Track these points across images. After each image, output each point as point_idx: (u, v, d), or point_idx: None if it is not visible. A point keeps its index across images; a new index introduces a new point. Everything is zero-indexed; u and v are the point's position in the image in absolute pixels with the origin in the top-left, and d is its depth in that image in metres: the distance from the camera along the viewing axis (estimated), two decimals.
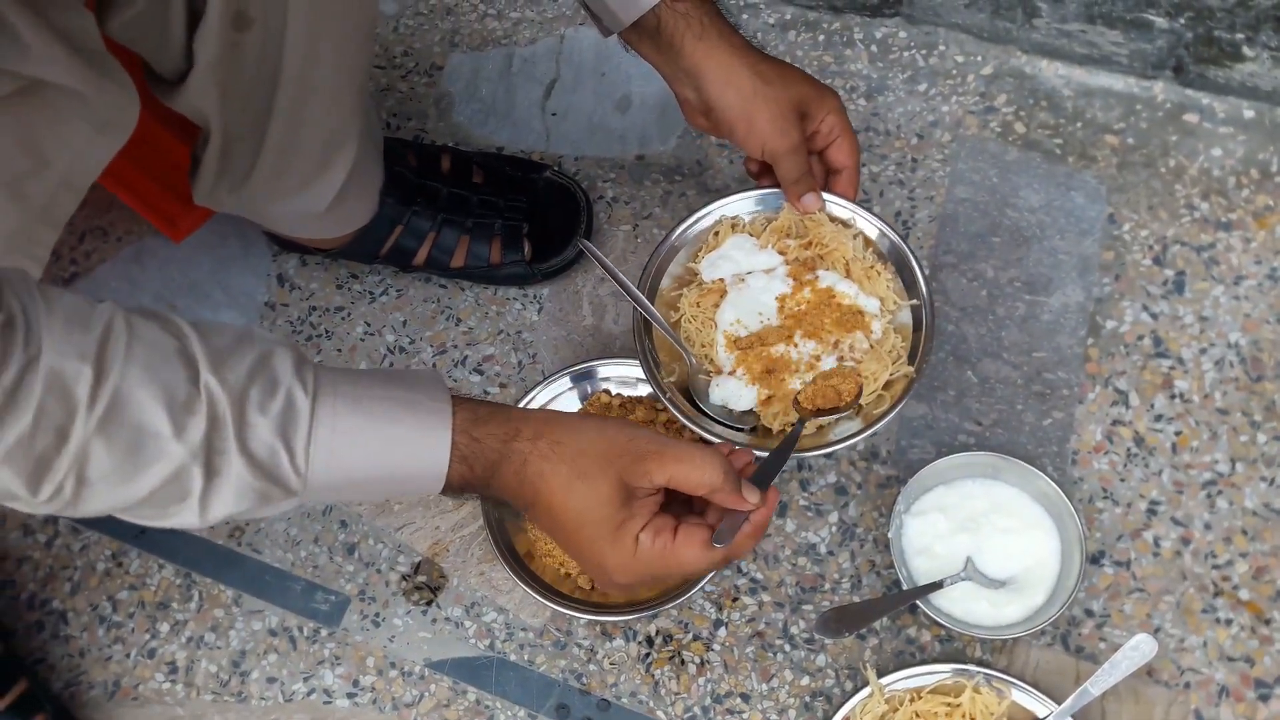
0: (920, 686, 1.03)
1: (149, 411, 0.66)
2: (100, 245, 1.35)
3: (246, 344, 0.71)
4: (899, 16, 1.35)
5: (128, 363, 0.65)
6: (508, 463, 0.76)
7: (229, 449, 0.68)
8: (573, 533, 0.78)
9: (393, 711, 1.11)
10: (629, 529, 0.78)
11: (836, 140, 1.02)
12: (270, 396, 0.69)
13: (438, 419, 0.74)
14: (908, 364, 1.01)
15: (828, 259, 1.06)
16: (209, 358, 0.68)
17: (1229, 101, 1.26)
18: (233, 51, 0.94)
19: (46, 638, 1.17)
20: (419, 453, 0.74)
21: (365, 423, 0.72)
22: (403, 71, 1.42)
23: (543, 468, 0.76)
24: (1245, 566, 1.09)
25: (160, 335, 0.68)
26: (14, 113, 0.76)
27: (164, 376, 0.66)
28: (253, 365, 0.70)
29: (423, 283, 1.28)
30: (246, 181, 1.09)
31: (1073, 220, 1.24)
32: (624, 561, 0.79)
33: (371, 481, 0.74)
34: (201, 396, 0.67)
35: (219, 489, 0.69)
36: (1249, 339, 1.17)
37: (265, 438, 0.69)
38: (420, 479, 0.75)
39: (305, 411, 0.70)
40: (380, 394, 0.74)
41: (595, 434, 0.78)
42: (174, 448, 0.67)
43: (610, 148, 1.34)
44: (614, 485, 0.77)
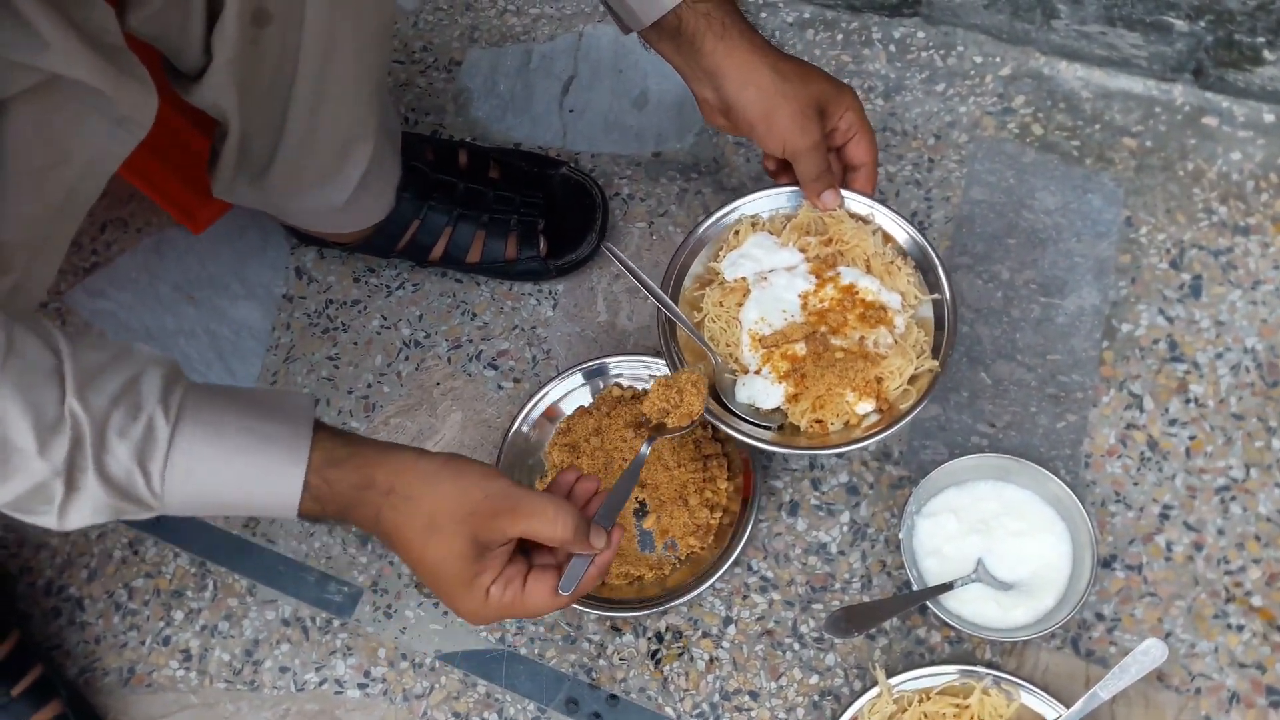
0: (929, 687, 1.03)
1: (16, 429, 0.69)
2: (120, 236, 1.36)
3: (120, 363, 0.74)
4: (918, 16, 1.35)
5: (2, 378, 0.69)
6: (361, 509, 0.80)
7: (88, 467, 0.72)
8: (428, 578, 0.82)
9: (403, 703, 1.11)
10: (480, 583, 0.82)
11: (854, 137, 1.02)
12: (132, 421, 0.73)
13: (292, 458, 0.78)
14: (932, 358, 1.02)
15: (848, 255, 1.06)
16: (76, 380, 0.71)
17: (1249, 105, 1.26)
18: (251, 48, 0.95)
19: (63, 624, 1.18)
20: (270, 488, 0.78)
21: (220, 454, 0.76)
22: (421, 67, 1.43)
23: (397, 521, 0.80)
24: (1258, 573, 1.08)
25: (38, 353, 0.71)
26: (34, 107, 0.77)
27: (35, 396, 0.70)
28: (120, 388, 0.73)
29: (439, 277, 1.29)
30: (265, 175, 1.10)
31: (1089, 223, 1.23)
32: (476, 609, 0.83)
33: (225, 506, 0.78)
34: (66, 420, 0.71)
35: (77, 503, 0.73)
36: (1265, 344, 1.16)
37: (123, 461, 0.73)
38: (273, 509, 0.79)
39: (164, 439, 0.74)
40: (242, 425, 0.77)
41: (449, 490, 0.80)
42: (37, 464, 0.70)
43: (627, 145, 1.35)
44: (466, 542, 0.80)
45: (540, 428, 1.17)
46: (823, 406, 1.01)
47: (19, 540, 1.22)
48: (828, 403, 1.01)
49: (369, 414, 1.24)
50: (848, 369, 1.01)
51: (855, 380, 1.01)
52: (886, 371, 1.01)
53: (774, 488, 1.15)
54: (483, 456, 1.20)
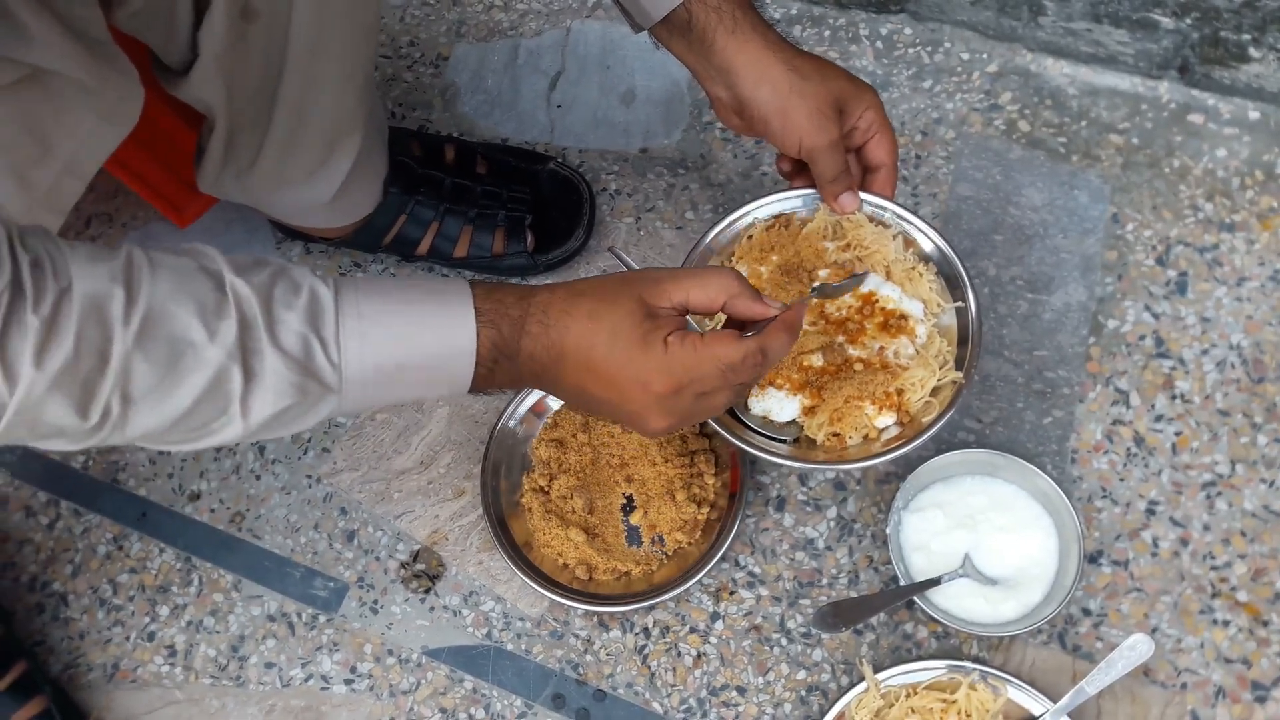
0: (916, 682, 1.03)
1: (182, 321, 0.67)
2: (106, 230, 1.35)
3: (263, 261, 0.73)
4: (905, 13, 1.35)
5: (155, 280, 0.67)
6: (530, 319, 0.77)
7: (263, 347, 0.69)
8: (603, 360, 0.77)
9: (389, 699, 1.11)
10: (657, 335, 0.77)
11: (875, 136, 0.98)
12: (294, 294, 0.71)
13: (457, 291, 0.76)
14: (955, 370, 0.98)
15: (867, 261, 1.02)
16: (231, 267, 0.70)
17: (1234, 102, 1.26)
18: (238, 43, 0.94)
19: (46, 620, 1.17)
20: (447, 324, 0.75)
21: (390, 307, 0.74)
22: (409, 62, 1.42)
23: (567, 307, 0.77)
24: (1244, 568, 1.09)
25: (179, 259, 0.70)
26: (19, 100, 0.77)
27: (191, 288, 0.68)
28: (273, 272, 0.72)
29: (426, 272, 1.29)
30: (251, 170, 1.10)
31: (1076, 219, 1.24)
32: (659, 366, 0.77)
33: (406, 368, 0.74)
34: (230, 300, 0.69)
35: (258, 390, 0.70)
36: (1251, 340, 1.17)
37: (297, 328, 0.70)
38: (452, 354, 0.75)
39: (330, 303, 0.72)
40: (398, 284, 0.76)
41: (607, 281, 0.80)
42: (211, 352, 0.68)
43: (614, 140, 1.34)
44: (636, 302, 0.77)
45: (528, 423, 1.17)
46: (841, 419, 0.97)
47: (2, 536, 1.21)
48: (846, 415, 0.97)
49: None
50: (867, 381, 0.97)
51: (875, 392, 0.96)
52: (908, 383, 0.97)
53: (761, 483, 1.15)
54: (470, 452, 1.19)
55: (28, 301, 0.63)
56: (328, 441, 1.22)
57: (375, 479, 1.20)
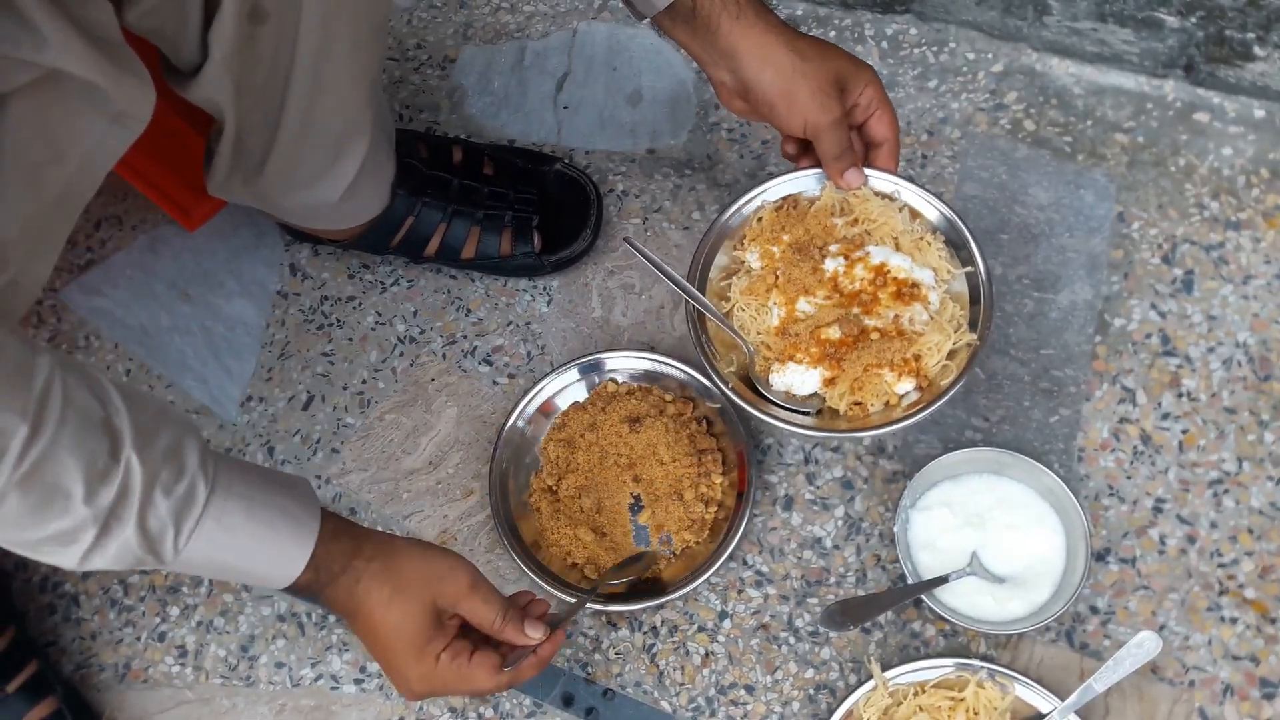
0: (924, 680, 1.04)
1: (69, 475, 0.72)
2: (115, 233, 1.36)
3: (165, 423, 0.78)
4: (910, 13, 1.35)
5: (60, 428, 0.71)
6: (345, 576, 0.87)
7: (128, 520, 0.75)
8: (384, 643, 0.89)
9: (399, 698, 1.11)
10: (433, 648, 0.89)
11: (875, 113, 1.01)
12: (177, 480, 0.77)
13: (306, 534, 0.85)
14: (970, 332, 1.00)
15: (876, 234, 1.04)
16: (134, 433, 0.75)
17: (1240, 101, 1.26)
18: (248, 45, 0.95)
19: (58, 620, 1.18)
20: (283, 556, 0.84)
21: (248, 525, 0.81)
22: (416, 64, 1.43)
23: (370, 585, 0.87)
24: (1251, 565, 1.09)
25: (89, 402, 0.74)
26: (31, 102, 0.77)
27: (89, 445, 0.73)
28: (168, 447, 0.77)
29: (433, 273, 1.29)
30: (260, 173, 1.10)
31: (1081, 218, 1.24)
32: (424, 674, 0.90)
33: (228, 571, 0.84)
34: (120, 469, 0.74)
35: (103, 548, 0.75)
36: (1257, 338, 1.17)
37: (162, 517, 0.77)
38: (273, 579, 0.85)
39: (200, 503, 0.78)
40: (267, 500, 0.83)
41: (421, 561, 0.89)
42: (81, 510, 0.73)
43: (621, 141, 1.35)
44: (425, 606, 0.88)
45: (535, 423, 1.17)
46: (861, 388, 0.99)
47: None
48: (866, 384, 0.99)
49: (364, 410, 1.24)
50: (884, 348, 0.99)
51: (893, 359, 0.98)
52: (925, 348, 0.99)
53: (769, 482, 1.15)
54: (478, 452, 1.20)
55: None
56: (336, 442, 1.23)
57: (384, 479, 1.20)
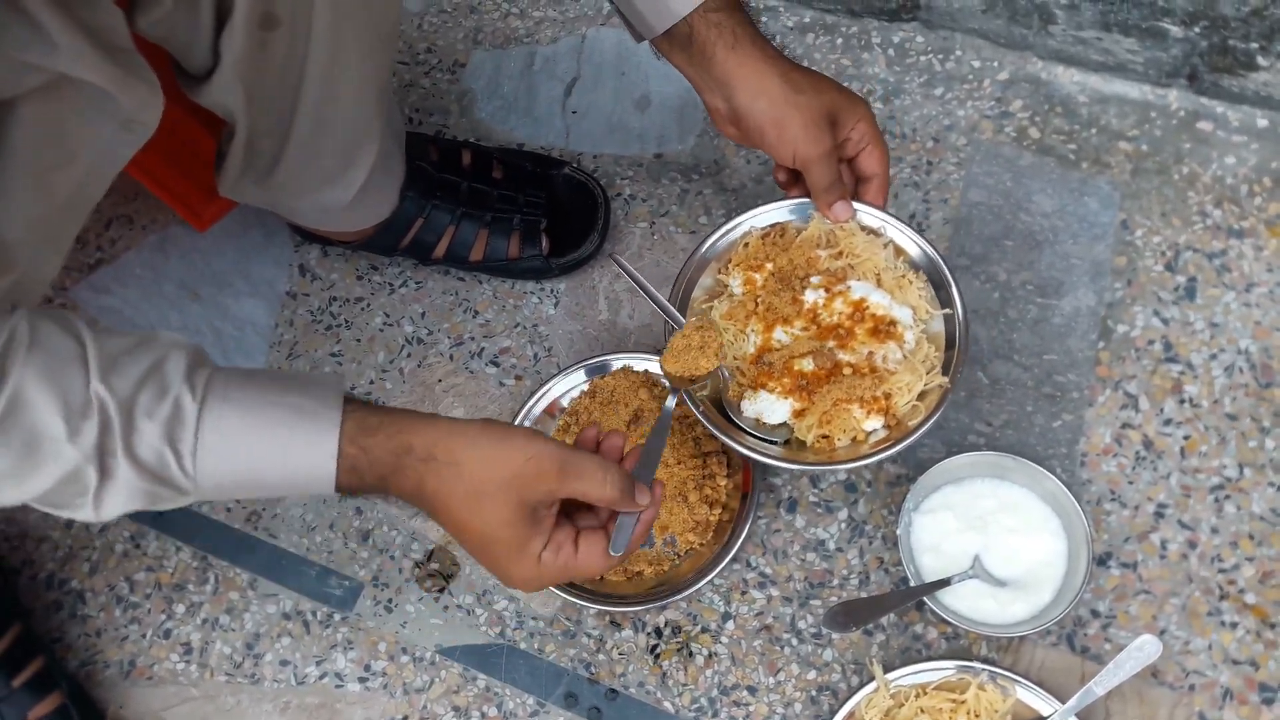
0: (926, 683, 1.04)
1: (45, 414, 0.69)
2: (126, 233, 1.37)
3: (143, 349, 0.74)
4: (916, 21, 1.36)
5: (26, 367, 0.69)
6: (401, 476, 0.78)
7: (118, 454, 0.71)
8: (477, 548, 0.81)
9: (403, 696, 1.12)
10: (531, 549, 0.80)
11: (867, 148, 1.02)
12: (158, 402, 0.72)
13: (325, 428, 0.76)
14: (942, 375, 1.00)
15: (859, 269, 1.05)
16: (100, 364, 0.71)
17: (1243, 110, 1.27)
18: (259, 50, 0.96)
19: (64, 617, 1.19)
20: (304, 462, 0.76)
21: (251, 428, 0.75)
22: (426, 68, 1.44)
23: (439, 488, 0.78)
24: (1252, 571, 1.09)
25: (61, 340, 0.71)
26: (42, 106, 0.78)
27: (61, 381, 0.69)
28: (145, 371, 0.73)
29: (442, 275, 1.30)
30: (271, 176, 1.11)
31: (1085, 225, 1.25)
32: (529, 575, 0.82)
33: (261, 485, 0.77)
34: (93, 402, 0.70)
35: (111, 489, 0.72)
36: (1259, 345, 1.18)
37: (153, 442, 0.72)
38: (308, 484, 0.78)
39: (192, 417, 0.73)
40: (271, 399, 0.76)
41: (491, 456, 0.78)
42: (68, 450, 0.70)
43: (629, 146, 1.36)
44: (514, 508, 0.78)
45: (542, 424, 1.18)
46: (829, 422, 0.99)
47: (21, 534, 1.22)
48: (834, 418, 0.99)
49: None
50: (855, 385, 0.99)
51: (863, 396, 0.99)
52: (895, 388, 0.99)
53: (773, 485, 1.16)
54: None
55: None
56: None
57: None
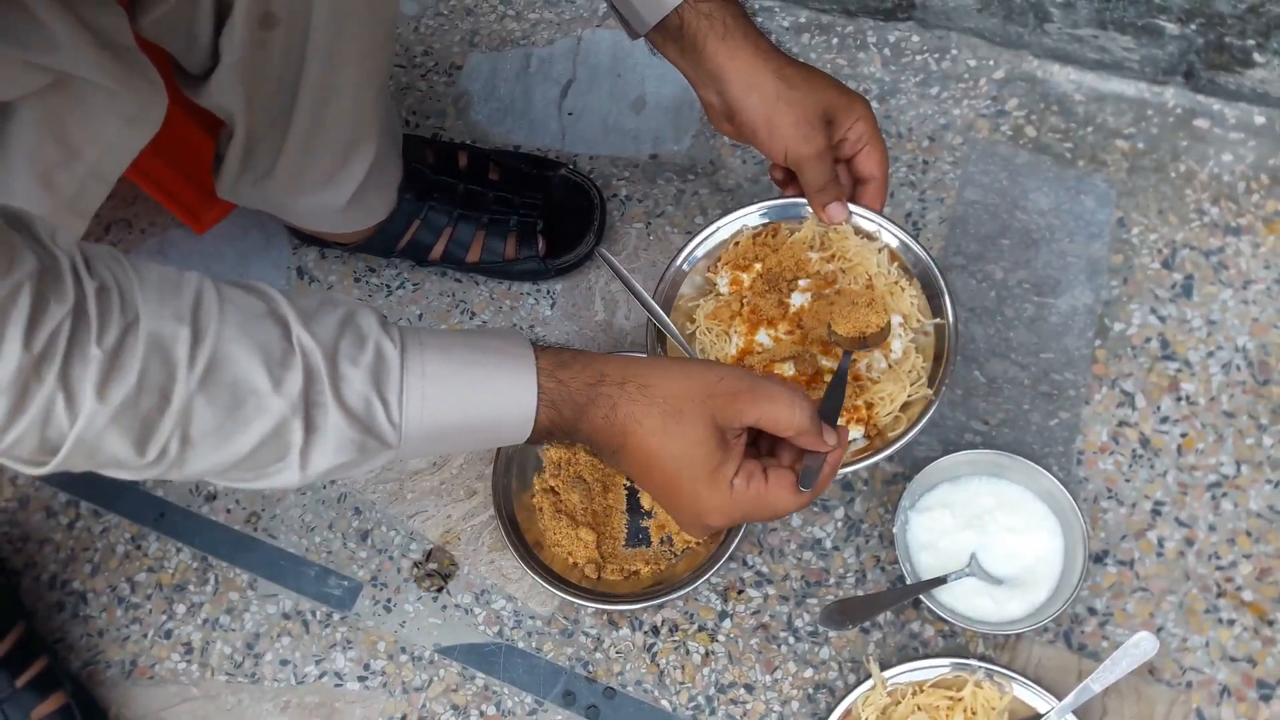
0: (922, 680, 1.04)
1: (247, 368, 0.67)
2: (125, 236, 1.38)
3: (330, 305, 0.73)
4: (912, 20, 1.37)
5: (223, 323, 0.67)
6: (595, 406, 0.77)
7: (327, 402, 0.69)
8: (669, 475, 0.78)
9: (402, 695, 1.12)
10: (724, 473, 0.78)
11: (865, 148, 0.98)
12: (360, 349, 0.71)
13: (522, 364, 0.76)
14: (927, 385, 0.97)
15: (850, 273, 1.01)
16: (298, 316, 0.70)
17: (1240, 107, 1.27)
18: (258, 50, 0.96)
19: (66, 618, 1.19)
20: (507, 396, 0.75)
21: (453, 369, 0.74)
22: (423, 71, 1.44)
23: (633, 410, 0.76)
24: (1249, 568, 1.09)
25: (248, 299, 0.70)
26: (46, 105, 0.79)
27: (258, 335, 0.68)
28: (340, 321, 0.72)
29: (439, 277, 1.31)
30: (269, 177, 1.12)
31: (1082, 223, 1.25)
32: (720, 504, 0.79)
33: (463, 430, 0.75)
34: (296, 351, 0.69)
35: (319, 443, 0.70)
36: (1256, 343, 1.18)
37: (360, 389, 0.70)
38: (509, 424, 0.76)
39: (395, 362, 0.72)
40: (464, 343, 0.75)
41: (682, 375, 0.78)
42: (274, 402, 0.68)
43: (625, 147, 1.36)
44: (708, 427, 0.77)
45: None
46: None
47: (23, 536, 1.23)
48: None
49: None
50: None
51: (845, 405, 0.94)
52: (878, 397, 0.96)
53: None
54: (481, 453, 1.21)
55: (92, 332, 0.62)
56: None
57: (389, 479, 1.22)
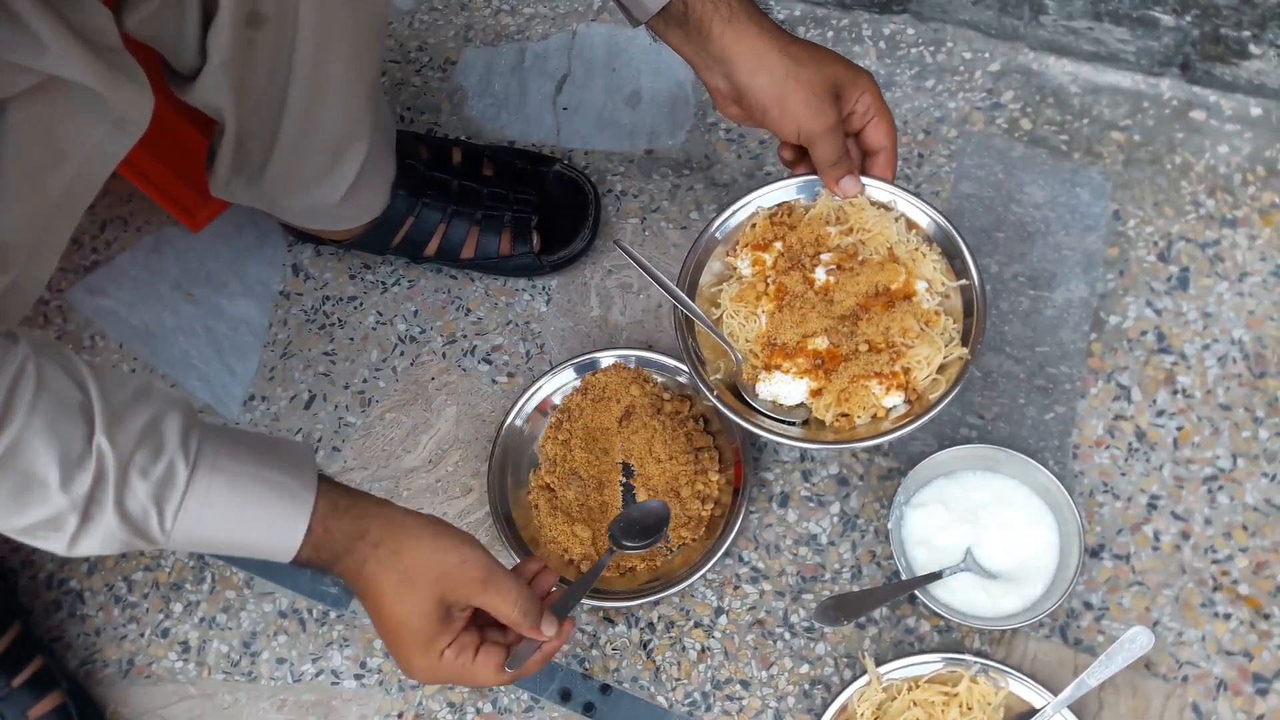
0: (918, 676, 1.04)
1: (42, 462, 0.71)
2: (120, 234, 1.38)
3: (143, 402, 0.77)
4: (907, 13, 1.36)
5: (31, 413, 0.71)
6: (350, 556, 0.85)
7: (107, 504, 0.74)
8: (392, 631, 0.87)
9: (399, 693, 1.13)
10: (437, 644, 0.87)
11: (872, 120, 0.99)
12: (153, 462, 0.76)
13: (301, 508, 0.82)
14: (961, 346, 0.98)
15: (870, 244, 1.02)
16: (105, 417, 0.74)
17: (1235, 99, 1.27)
18: (246, 49, 0.96)
19: (63, 617, 1.19)
20: (277, 535, 0.82)
21: (234, 501, 0.80)
22: (417, 66, 1.44)
23: (377, 570, 0.85)
24: (1245, 561, 1.09)
25: (65, 387, 0.73)
26: (33, 107, 0.78)
27: (63, 431, 0.72)
28: (144, 427, 0.76)
29: (434, 273, 1.30)
30: (261, 175, 1.12)
31: (1077, 216, 1.24)
32: (428, 667, 0.88)
33: (228, 547, 0.83)
34: (92, 455, 0.73)
35: (89, 534, 0.75)
36: (1252, 335, 1.17)
37: (141, 500, 0.76)
38: (273, 553, 0.83)
39: (182, 483, 0.77)
40: (254, 473, 0.81)
41: (431, 551, 0.86)
42: (58, 497, 0.73)
43: (620, 142, 1.36)
44: (434, 602, 0.86)
45: (534, 421, 1.19)
46: (848, 400, 0.97)
47: None
48: (853, 396, 0.97)
49: (365, 409, 1.25)
50: (873, 361, 0.97)
51: (881, 372, 0.97)
52: (914, 362, 0.97)
53: (765, 479, 1.16)
54: (477, 450, 1.21)
55: None
56: (338, 441, 1.24)
57: (384, 477, 1.22)
